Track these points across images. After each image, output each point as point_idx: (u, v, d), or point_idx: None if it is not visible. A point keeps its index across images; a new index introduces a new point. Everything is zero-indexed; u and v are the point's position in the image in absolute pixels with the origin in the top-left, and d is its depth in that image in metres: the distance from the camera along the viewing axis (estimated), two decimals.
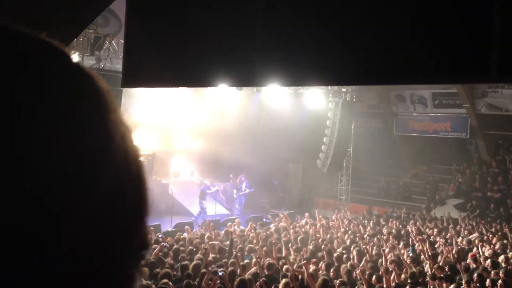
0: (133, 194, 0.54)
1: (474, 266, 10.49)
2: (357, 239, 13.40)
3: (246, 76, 3.31)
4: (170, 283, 8.09)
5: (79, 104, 0.51)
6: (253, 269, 9.49)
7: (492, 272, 9.64)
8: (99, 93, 0.54)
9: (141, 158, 0.57)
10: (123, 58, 4.07)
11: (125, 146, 0.54)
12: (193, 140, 21.60)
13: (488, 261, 10.55)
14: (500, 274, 9.38)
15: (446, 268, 10.02)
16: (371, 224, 16.34)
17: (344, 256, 11.01)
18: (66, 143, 0.48)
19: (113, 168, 0.52)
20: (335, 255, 11.05)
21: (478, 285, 8.91)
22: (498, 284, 8.72)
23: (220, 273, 8.68)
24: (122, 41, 4.64)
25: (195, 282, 8.60)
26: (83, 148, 0.49)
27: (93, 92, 0.53)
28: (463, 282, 8.92)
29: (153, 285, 7.88)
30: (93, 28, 14.92)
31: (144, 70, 3.84)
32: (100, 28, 15.80)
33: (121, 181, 0.52)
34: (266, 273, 9.29)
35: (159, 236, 12.96)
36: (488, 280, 8.99)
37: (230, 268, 9.28)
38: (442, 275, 9.34)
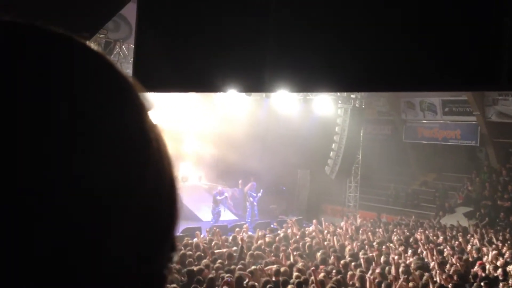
0: (166, 196, 0.55)
1: (483, 274, 10.39)
2: (366, 246, 13.32)
3: (256, 82, 3.32)
4: None
5: (122, 107, 0.52)
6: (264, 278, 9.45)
7: (501, 284, 9.55)
8: (136, 95, 0.55)
9: (174, 161, 0.58)
10: (133, 63, 4.09)
11: (160, 149, 0.55)
12: (201, 145, 21.64)
13: (500, 270, 10.45)
14: (510, 282, 9.28)
15: (455, 277, 9.95)
16: (380, 231, 16.25)
17: (352, 264, 10.95)
18: (111, 145, 0.49)
19: (151, 171, 0.52)
20: (342, 262, 11.00)
21: None
22: None
23: (228, 280, 8.69)
24: (132, 46, 4.67)
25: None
26: (126, 150, 0.50)
27: (131, 94, 0.54)
28: None
29: None
30: (103, 33, 15.03)
31: (154, 75, 3.85)
32: (111, 33, 15.91)
33: (157, 183, 0.53)
34: (274, 279, 9.27)
35: None
36: None
37: (237, 274, 9.26)
38: (451, 284, 9.27)
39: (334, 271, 10.04)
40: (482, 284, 9.19)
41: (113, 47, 15.87)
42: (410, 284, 9.37)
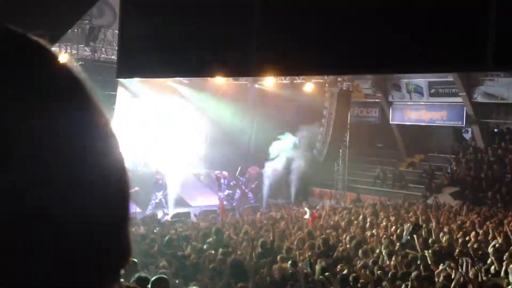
0: (115, 203, 0.51)
1: (470, 252, 10.57)
2: (353, 226, 13.48)
3: (243, 66, 3.30)
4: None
5: (65, 109, 0.48)
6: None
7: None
8: (86, 98, 0.51)
9: (126, 165, 0.54)
10: (117, 49, 4.05)
11: (109, 153, 0.51)
12: (190, 130, 21.57)
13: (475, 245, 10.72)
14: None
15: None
16: (367, 212, 16.40)
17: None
18: (47, 150, 0.45)
19: (94, 177, 0.49)
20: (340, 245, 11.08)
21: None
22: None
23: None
24: (117, 32, 4.60)
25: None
26: (64, 154, 0.47)
27: (79, 96, 0.51)
28: (452, 265, 9.05)
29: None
30: (87, 19, 14.83)
31: (139, 61, 3.81)
32: (95, 19, 15.70)
33: (103, 189, 0.50)
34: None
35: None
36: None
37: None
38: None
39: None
40: (464, 260, 9.35)
41: (98, 33, 15.67)
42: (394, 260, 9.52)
